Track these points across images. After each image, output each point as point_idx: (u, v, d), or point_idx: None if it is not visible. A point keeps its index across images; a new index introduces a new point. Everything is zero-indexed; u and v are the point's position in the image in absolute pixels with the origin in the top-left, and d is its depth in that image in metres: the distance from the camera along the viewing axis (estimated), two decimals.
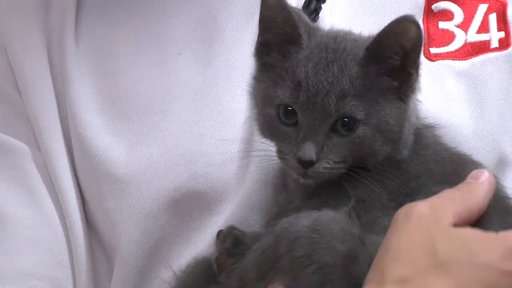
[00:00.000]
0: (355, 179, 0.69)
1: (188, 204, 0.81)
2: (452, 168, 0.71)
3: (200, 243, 0.80)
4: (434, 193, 0.67)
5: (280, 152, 0.70)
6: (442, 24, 0.85)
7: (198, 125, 0.82)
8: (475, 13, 0.86)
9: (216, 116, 0.82)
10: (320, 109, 0.67)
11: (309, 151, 0.67)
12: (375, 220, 0.68)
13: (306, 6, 0.83)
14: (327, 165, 0.68)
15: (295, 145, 0.68)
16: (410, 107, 0.71)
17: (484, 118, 0.82)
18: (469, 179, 0.68)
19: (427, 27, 0.85)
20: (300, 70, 0.68)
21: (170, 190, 0.81)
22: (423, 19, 0.85)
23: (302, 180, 0.70)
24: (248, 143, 0.81)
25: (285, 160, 0.69)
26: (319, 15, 0.83)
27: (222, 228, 0.75)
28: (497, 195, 0.70)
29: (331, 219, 0.65)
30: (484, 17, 0.85)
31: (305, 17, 0.73)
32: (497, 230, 0.64)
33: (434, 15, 0.86)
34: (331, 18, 0.84)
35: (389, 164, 0.70)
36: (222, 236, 0.73)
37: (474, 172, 0.68)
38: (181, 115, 0.83)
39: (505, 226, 0.66)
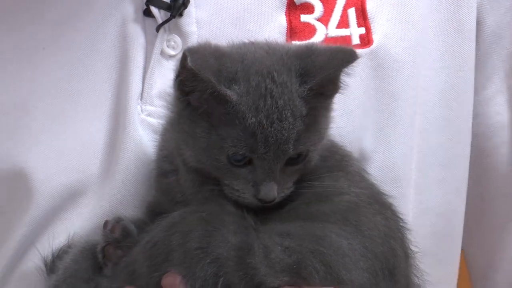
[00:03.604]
0: None
1: (56, 196, 0.80)
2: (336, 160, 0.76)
3: (62, 234, 0.80)
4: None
5: (235, 191, 0.69)
6: (304, 17, 0.85)
7: (63, 120, 0.81)
8: (334, 6, 0.86)
9: (80, 111, 0.82)
10: (278, 154, 0.67)
11: (272, 191, 0.68)
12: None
13: (174, 0, 0.82)
14: (283, 194, 0.70)
15: (253, 186, 0.68)
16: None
17: (348, 115, 0.84)
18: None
19: (289, 20, 0.85)
20: (251, 120, 0.66)
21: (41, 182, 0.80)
22: (285, 12, 0.85)
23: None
24: (113, 136, 0.81)
25: (240, 197, 0.69)
26: (187, 8, 0.83)
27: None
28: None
29: (223, 211, 0.68)
30: (343, 11, 0.86)
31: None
32: None
33: (296, 8, 0.86)
34: (196, 11, 0.83)
35: None
36: (111, 226, 0.74)
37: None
38: (48, 111, 0.81)
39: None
